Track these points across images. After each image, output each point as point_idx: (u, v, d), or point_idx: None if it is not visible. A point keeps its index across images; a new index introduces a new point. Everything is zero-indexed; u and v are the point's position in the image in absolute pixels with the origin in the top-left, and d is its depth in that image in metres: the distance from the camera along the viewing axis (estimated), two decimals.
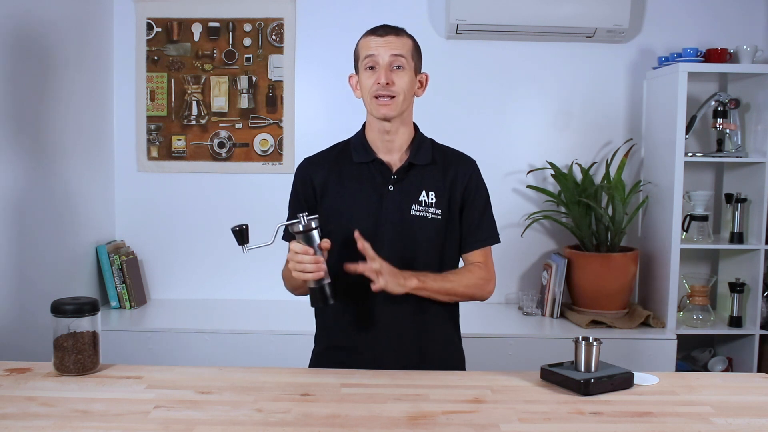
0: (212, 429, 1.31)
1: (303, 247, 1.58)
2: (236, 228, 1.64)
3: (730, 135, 3.01)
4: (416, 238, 1.73)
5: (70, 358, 1.59)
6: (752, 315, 2.95)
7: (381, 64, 1.69)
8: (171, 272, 3.24)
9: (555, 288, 3.00)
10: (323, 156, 1.83)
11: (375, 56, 1.69)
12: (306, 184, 1.79)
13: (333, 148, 1.85)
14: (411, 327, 1.76)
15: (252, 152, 3.19)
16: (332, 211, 1.75)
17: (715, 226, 3.18)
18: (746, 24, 3.17)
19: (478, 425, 1.35)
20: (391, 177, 1.74)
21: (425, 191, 1.74)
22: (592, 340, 1.59)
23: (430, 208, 1.73)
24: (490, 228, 1.83)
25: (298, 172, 1.83)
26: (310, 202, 1.78)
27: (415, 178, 1.75)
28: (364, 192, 1.74)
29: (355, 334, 1.76)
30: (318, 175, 1.78)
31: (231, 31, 3.16)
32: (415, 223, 1.72)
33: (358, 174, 1.76)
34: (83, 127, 2.88)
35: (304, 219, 1.58)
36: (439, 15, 3.15)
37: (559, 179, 3.07)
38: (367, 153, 1.76)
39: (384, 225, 1.72)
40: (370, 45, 1.70)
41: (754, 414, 1.43)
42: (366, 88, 1.71)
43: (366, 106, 1.76)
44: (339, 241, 1.73)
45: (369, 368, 1.68)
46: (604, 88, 3.20)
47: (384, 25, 1.73)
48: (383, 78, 1.67)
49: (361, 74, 1.73)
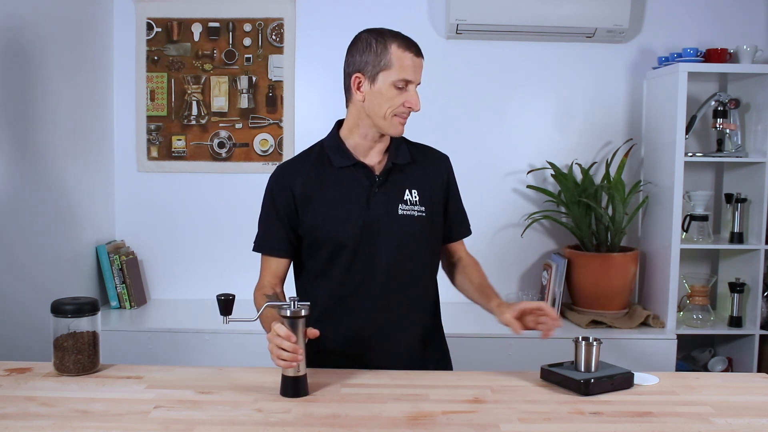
0: (212, 429, 1.31)
1: (287, 332, 1.46)
2: (221, 297, 1.51)
3: (730, 135, 3.01)
4: (407, 237, 1.73)
5: (70, 358, 1.59)
6: (752, 315, 2.95)
7: (412, 87, 1.66)
8: (171, 272, 3.24)
9: (555, 288, 3.00)
10: (298, 162, 1.79)
11: (412, 81, 1.66)
12: (285, 193, 1.74)
13: (307, 153, 1.80)
14: (414, 343, 1.78)
15: (252, 152, 3.19)
16: (318, 218, 1.72)
17: (715, 226, 3.18)
18: (746, 24, 3.17)
19: (478, 425, 1.35)
20: (375, 179, 1.73)
21: (408, 190, 1.74)
22: (592, 340, 1.59)
23: (415, 206, 1.74)
24: (466, 216, 1.91)
25: (274, 180, 1.77)
26: (289, 210, 1.74)
27: (398, 178, 1.75)
28: (351, 196, 1.72)
29: (355, 349, 1.76)
30: (297, 182, 1.73)
31: (231, 31, 3.16)
32: (403, 222, 1.72)
33: (340, 178, 1.73)
34: (83, 127, 2.88)
35: (294, 304, 1.50)
36: (439, 15, 3.15)
37: (559, 179, 3.07)
38: (347, 157, 1.73)
39: (374, 227, 1.71)
40: (407, 64, 1.63)
41: (754, 414, 1.43)
42: (391, 104, 1.65)
43: (374, 118, 1.68)
44: (329, 248, 1.72)
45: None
46: (604, 88, 3.20)
47: (415, 43, 1.67)
48: (418, 105, 1.66)
49: (386, 87, 1.64)
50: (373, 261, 1.71)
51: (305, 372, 1.50)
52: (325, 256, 1.73)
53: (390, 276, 1.72)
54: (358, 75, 1.67)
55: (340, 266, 1.72)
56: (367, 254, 1.71)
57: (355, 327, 1.74)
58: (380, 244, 1.71)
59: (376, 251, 1.71)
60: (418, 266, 1.76)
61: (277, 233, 1.76)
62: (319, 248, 1.74)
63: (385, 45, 1.63)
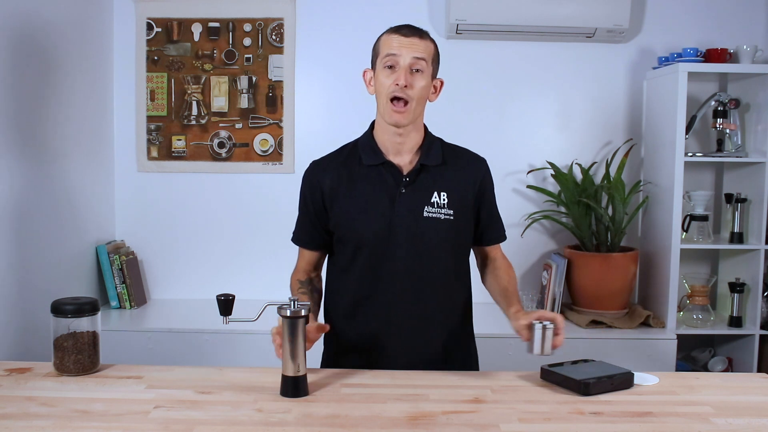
0: (212, 429, 1.31)
1: (286, 335, 1.48)
2: (221, 297, 1.52)
3: (730, 135, 3.01)
4: (430, 240, 1.71)
5: (70, 358, 1.59)
6: (752, 315, 2.95)
7: (401, 65, 1.64)
8: (171, 272, 3.24)
9: (555, 288, 3.00)
10: (331, 159, 1.80)
11: (396, 56, 1.64)
12: (314, 189, 1.76)
13: (341, 150, 1.82)
14: (435, 349, 1.77)
15: (252, 152, 3.19)
16: (344, 215, 1.73)
17: (715, 226, 3.18)
18: (746, 24, 3.17)
19: (478, 425, 1.35)
20: (402, 179, 1.72)
21: (437, 192, 1.73)
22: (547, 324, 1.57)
23: (442, 209, 1.71)
24: (502, 222, 1.90)
25: (306, 176, 1.80)
26: (318, 206, 1.76)
27: (427, 180, 1.73)
28: (376, 195, 1.71)
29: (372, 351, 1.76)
30: (327, 179, 1.75)
31: (231, 31, 3.16)
32: (428, 224, 1.71)
33: (368, 177, 1.73)
34: (83, 127, 2.88)
35: (294, 304, 1.50)
36: (439, 15, 3.15)
37: (559, 179, 3.07)
38: (377, 155, 1.73)
39: (397, 228, 1.70)
40: (393, 44, 1.65)
41: (754, 414, 1.43)
42: (383, 87, 1.66)
43: (378, 107, 1.71)
44: (352, 246, 1.73)
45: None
46: (604, 88, 3.20)
47: (409, 25, 1.68)
48: (402, 80, 1.63)
49: (379, 72, 1.68)
50: (393, 263, 1.70)
51: (305, 372, 1.50)
52: (349, 253, 1.74)
53: (410, 280, 1.70)
54: (367, 70, 1.74)
55: (360, 266, 1.72)
56: (387, 255, 1.70)
57: (373, 328, 1.74)
58: (401, 246, 1.70)
59: (396, 253, 1.70)
60: (440, 271, 1.74)
61: (308, 227, 1.80)
62: (344, 245, 1.75)
63: (379, 37, 1.71)
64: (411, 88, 1.65)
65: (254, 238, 3.23)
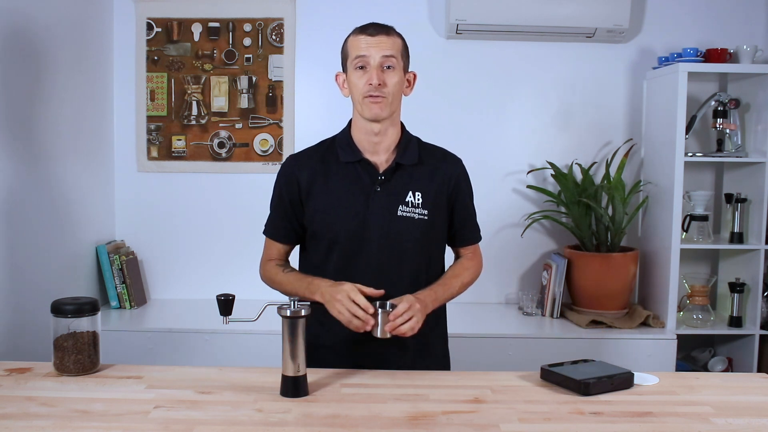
0: (212, 429, 1.31)
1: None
2: (221, 297, 1.53)
3: (730, 135, 3.01)
4: (403, 239, 1.72)
5: (70, 358, 1.59)
6: (752, 315, 2.95)
7: (372, 65, 1.66)
8: (171, 272, 3.24)
9: (555, 288, 3.00)
10: (309, 154, 1.81)
11: (366, 57, 1.66)
12: (291, 182, 1.77)
13: (319, 145, 1.83)
14: (405, 346, 1.75)
15: (252, 152, 3.19)
16: (318, 211, 1.74)
17: (715, 226, 3.18)
18: (746, 24, 3.17)
19: (478, 425, 1.35)
20: (378, 177, 1.73)
21: (412, 192, 1.73)
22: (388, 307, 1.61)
23: (416, 209, 1.73)
24: (477, 223, 1.89)
25: (284, 169, 1.81)
26: (294, 200, 1.77)
27: (402, 179, 1.74)
28: (351, 192, 1.72)
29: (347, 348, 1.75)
30: (304, 173, 1.76)
31: (231, 31, 3.16)
32: (401, 224, 1.72)
33: (344, 174, 1.74)
34: (83, 127, 2.88)
35: (294, 304, 1.51)
36: (439, 15, 3.15)
37: (559, 179, 3.07)
38: (354, 153, 1.75)
39: (370, 226, 1.71)
40: (361, 45, 1.67)
41: (754, 414, 1.43)
42: (357, 88, 1.69)
43: (355, 106, 1.73)
44: (326, 242, 1.74)
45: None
46: (604, 88, 3.20)
47: (374, 24, 1.70)
48: (375, 79, 1.65)
49: (351, 74, 1.70)
50: (366, 261, 1.71)
51: (305, 372, 1.50)
52: (323, 250, 1.75)
53: (382, 278, 1.70)
54: (339, 74, 1.77)
55: (333, 262, 1.74)
56: (360, 253, 1.71)
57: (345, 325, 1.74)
58: (373, 244, 1.71)
59: (368, 251, 1.71)
60: (413, 270, 1.74)
61: (281, 221, 1.81)
62: (318, 241, 1.76)
63: (347, 39, 1.73)
64: (385, 86, 1.67)
65: (254, 238, 3.19)
